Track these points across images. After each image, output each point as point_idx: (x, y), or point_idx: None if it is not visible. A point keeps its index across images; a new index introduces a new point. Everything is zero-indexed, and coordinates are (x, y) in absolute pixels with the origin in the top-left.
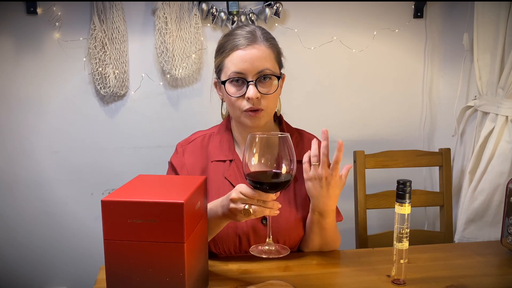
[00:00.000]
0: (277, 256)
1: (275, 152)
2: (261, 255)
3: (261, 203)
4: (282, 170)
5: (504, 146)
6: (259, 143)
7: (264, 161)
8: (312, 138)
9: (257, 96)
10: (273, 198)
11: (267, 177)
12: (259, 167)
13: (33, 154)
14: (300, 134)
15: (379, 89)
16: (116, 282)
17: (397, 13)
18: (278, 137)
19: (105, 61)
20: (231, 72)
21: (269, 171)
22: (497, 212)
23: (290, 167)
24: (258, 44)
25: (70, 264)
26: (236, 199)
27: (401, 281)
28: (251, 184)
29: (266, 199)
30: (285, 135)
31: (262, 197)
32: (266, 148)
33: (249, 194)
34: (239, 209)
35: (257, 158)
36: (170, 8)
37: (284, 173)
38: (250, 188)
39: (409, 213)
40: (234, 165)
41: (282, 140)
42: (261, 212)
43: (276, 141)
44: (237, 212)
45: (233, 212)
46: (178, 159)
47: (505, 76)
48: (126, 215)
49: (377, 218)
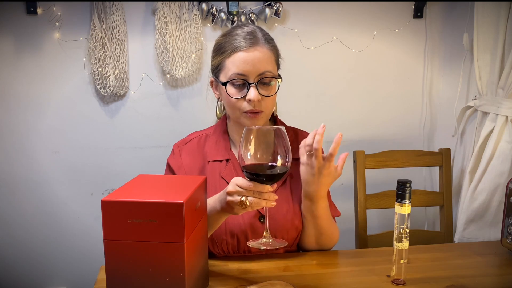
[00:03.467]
0: (275, 248)
1: (270, 145)
2: (259, 247)
3: (257, 194)
4: (278, 162)
5: (504, 146)
6: (255, 136)
7: (260, 153)
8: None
9: (258, 99)
10: (270, 190)
11: (262, 169)
12: (255, 159)
13: (33, 154)
14: (295, 132)
15: (379, 89)
16: (116, 282)
17: (397, 13)
18: (273, 129)
19: (105, 61)
20: (232, 73)
21: (265, 164)
22: (497, 212)
23: (286, 159)
24: (260, 46)
25: (70, 264)
26: (233, 191)
27: (401, 281)
28: (247, 176)
29: (262, 190)
30: (280, 127)
31: (258, 188)
32: (262, 141)
33: (245, 185)
34: (236, 201)
35: (253, 151)
36: (170, 8)
37: (279, 165)
38: (246, 180)
39: (409, 213)
40: (230, 164)
41: (277, 133)
42: (258, 204)
43: (272, 133)
44: (234, 204)
45: (230, 205)
46: (175, 159)
47: (505, 76)
48: (126, 215)
49: (377, 218)
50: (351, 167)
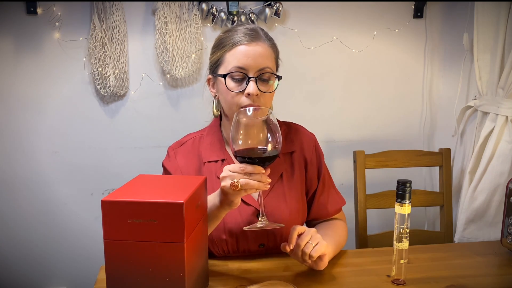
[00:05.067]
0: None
1: (260, 129)
2: (255, 227)
3: (248, 176)
4: (268, 146)
5: (504, 146)
6: (245, 122)
7: (251, 139)
8: (299, 129)
9: (257, 93)
10: (261, 172)
11: (254, 153)
12: (246, 145)
13: (33, 154)
14: (288, 126)
15: (379, 89)
16: (116, 282)
17: (397, 13)
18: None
19: (105, 61)
20: (232, 66)
21: (256, 148)
22: (497, 212)
23: (276, 142)
24: (261, 42)
25: (70, 264)
26: (225, 176)
27: (401, 281)
28: (239, 161)
29: (253, 171)
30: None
31: (248, 169)
32: (252, 126)
33: (236, 169)
34: (228, 186)
35: (243, 136)
36: (170, 8)
37: (270, 149)
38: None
39: (409, 213)
40: (226, 164)
41: (267, 119)
42: (249, 185)
43: (262, 119)
44: (227, 189)
45: (225, 192)
46: (171, 162)
47: (505, 76)
48: (126, 215)
49: (377, 218)
50: (351, 167)
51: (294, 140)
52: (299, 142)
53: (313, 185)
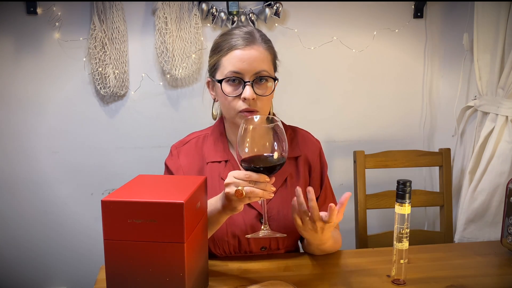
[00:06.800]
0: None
1: (267, 137)
2: (258, 236)
3: (253, 184)
4: (274, 155)
5: (504, 146)
6: (252, 130)
7: (257, 147)
8: (305, 134)
9: (253, 97)
10: (266, 180)
11: (260, 160)
12: (252, 152)
13: (33, 154)
14: (294, 130)
15: (379, 89)
16: (116, 282)
17: (397, 13)
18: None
19: (105, 61)
20: (228, 71)
21: (262, 156)
22: (497, 212)
23: (282, 150)
24: (256, 45)
25: (70, 264)
26: (229, 182)
27: (401, 281)
28: (245, 168)
29: (259, 180)
30: (276, 120)
31: (253, 177)
32: (258, 134)
33: (241, 176)
34: (232, 192)
35: (249, 144)
36: (170, 8)
37: (276, 157)
38: (243, 171)
39: (409, 213)
40: (229, 165)
41: (274, 126)
42: (254, 193)
43: (269, 127)
44: (231, 196)
45: (229, 199)
46: (173, 161)
47: (505, 76)
48: (126, 215)
49: (377, 218)
50: (351, 167)
51: (300, 145)
52: (304, 147)
53: (315, 193)
